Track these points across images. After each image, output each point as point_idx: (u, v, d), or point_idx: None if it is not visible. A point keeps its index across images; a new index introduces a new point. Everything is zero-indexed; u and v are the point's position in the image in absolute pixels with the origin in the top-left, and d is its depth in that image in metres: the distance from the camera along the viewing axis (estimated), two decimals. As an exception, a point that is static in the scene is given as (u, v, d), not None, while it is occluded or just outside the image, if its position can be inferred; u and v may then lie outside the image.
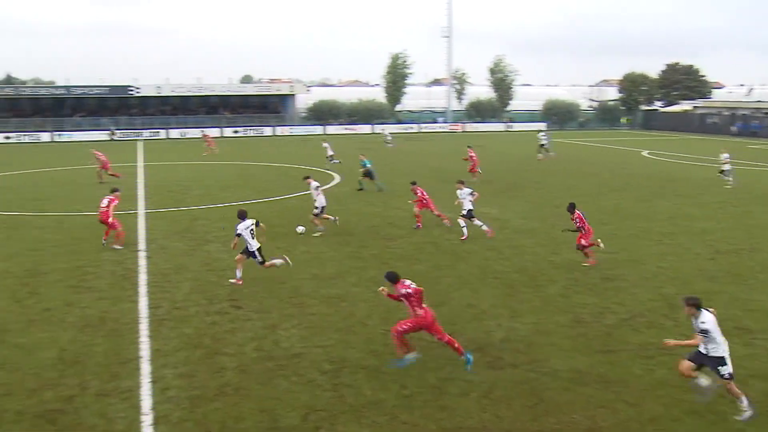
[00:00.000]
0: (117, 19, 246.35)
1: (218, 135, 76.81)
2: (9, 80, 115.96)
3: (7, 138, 72.40)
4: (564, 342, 12.72)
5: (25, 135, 73.78)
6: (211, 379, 11.13)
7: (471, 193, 21.45)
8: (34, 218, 25.62)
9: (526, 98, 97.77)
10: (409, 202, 23.78)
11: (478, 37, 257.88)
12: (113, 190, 21.50)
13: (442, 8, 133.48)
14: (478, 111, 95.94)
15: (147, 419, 9.81)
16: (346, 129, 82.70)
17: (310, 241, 21.11)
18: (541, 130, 56.72)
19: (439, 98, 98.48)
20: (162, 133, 77.10)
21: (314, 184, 22.73)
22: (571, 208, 18.31)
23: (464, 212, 21.41)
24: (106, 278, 17.21)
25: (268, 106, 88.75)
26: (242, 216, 16.76)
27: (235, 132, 78.74)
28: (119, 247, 20.16)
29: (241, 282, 16.48)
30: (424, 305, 11.34)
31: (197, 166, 44.38)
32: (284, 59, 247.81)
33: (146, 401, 10.36)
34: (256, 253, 16.60)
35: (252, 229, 16.57)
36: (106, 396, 10.55)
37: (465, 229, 21.19)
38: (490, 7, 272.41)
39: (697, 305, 9.77)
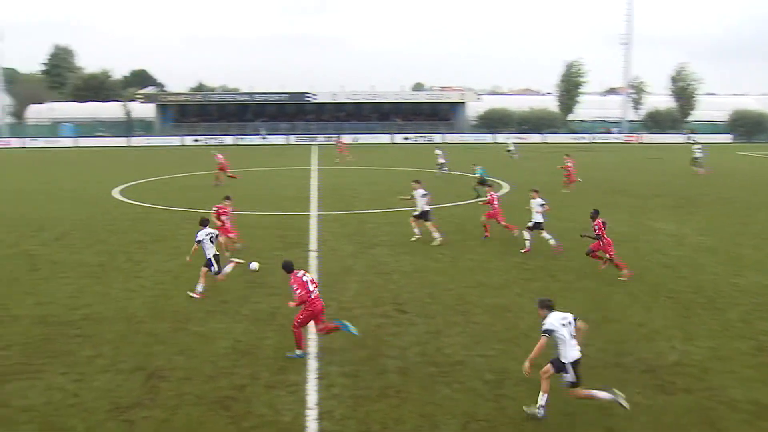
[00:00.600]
0: (299, 30, 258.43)
1: (389, 141, 78.52)
2: (200, 88, 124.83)
3: (196, 141, 78.08)
4: (745, 371, 11.78)
5: (211, 138, 79.03)
6: (373, 379, 11.31)
7: (542, 205, 20.55)
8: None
9: (709, 108, 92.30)
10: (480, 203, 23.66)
11: (658, 44, 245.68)
12: (225, 198, 21.33)
13: (620, 14, 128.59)
14: (657, 122, 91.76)
15: (312, 414, 10.12)
16: (516, 138, 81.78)
17: (476, 249, 21.01)
18: (696, 143, 53.03)
19: (614, 108, 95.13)
20: (335, 139, 79.84)
21: (420, 191, 22.21)
22: (595, 214, 18.06)
23: (530, 224, 20.63)
24: (279, 276, 17.86)
25: (438, 114, 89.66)
26: (204, 223, 16.73)
27: (405, 139, 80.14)
28: (229, 254, 19.33)
29: (202, 296, 15.85)
30: (312, 296, 12.21)
31: (368, 171, 45.47)
32: (455, 67, 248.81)
33: (312, 396, 10.70)
34: (212, 260, 16.19)
35: (212, 237, 16.44)
36: (275, 388, 11.00)
37: (528, 243, 20.49)
38: (672, 11, 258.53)
39: (548, 307, 10.10)
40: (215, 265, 16.24)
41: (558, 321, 9.89)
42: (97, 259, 19.85)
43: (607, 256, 17.83)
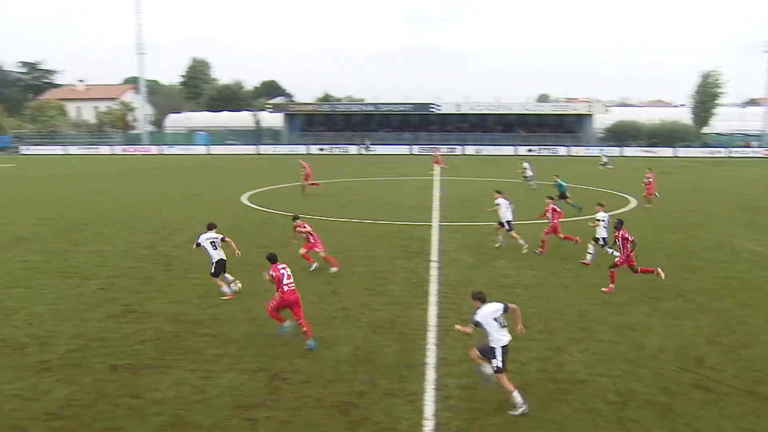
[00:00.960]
0: (424, 41, 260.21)
1: (512, 153, 77.67)
2: (327, 98, 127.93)
3: (321, 150, 79.99)
4: None
5: (336, 147, 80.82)
6: (492, 393, 11.13)
7: (603, 219, 20.34)
8: (339, 223, 27.81)
9: None
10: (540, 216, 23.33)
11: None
12: (295, 218, 20.32)
13: (762, 19, 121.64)
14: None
15: (429, 424, 10.08)
16: (645, 151, 78.90)
17: (600, 265, 20.34)
18: None
19: (755, 120, 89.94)
20: (458, 149, 79.72)
21: (501, 200, 22.87)
22: (619, 224, 17.85)
23: (597, 237, 20.45)
24: (399, 284, 18.09)
25: (563, 126, 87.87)
26: (211, 227, 17.43)
27: (529, 150, 79.02)
28: (314, 267, 19.43)
29: (233, 296, 16.80)
30: (292, 287, 13.55)
31: (491, 182, 45.07)
32: (582, 77, 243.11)
33: (429, 407, 10.66)
34: (214, 264, 16.90)
35: (214, 241, 17.00)
36: (393, 396, 11.04)
37: (590, 256, 20.37)
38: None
39: (481, 299, 11.08)
40: (213, 268, 17.00)
41: (489, 314, 10.79)
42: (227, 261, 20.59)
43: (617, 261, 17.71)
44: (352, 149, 79.62)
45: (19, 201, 36.23)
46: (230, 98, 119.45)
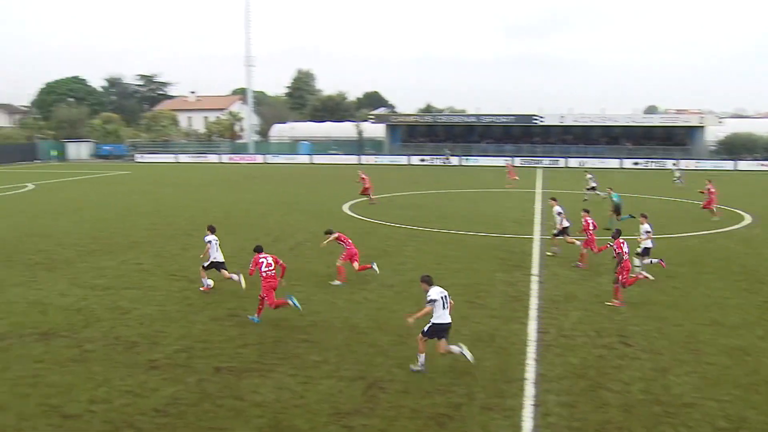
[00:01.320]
0: (526, 51, 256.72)
1: (617, 166, 75.62)
2: (428, 109, 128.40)
3: (422, 160, 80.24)
4: None
5: (437, 158, 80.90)
6: (593, 412, 10.83)
7: (647, 231, 20.35)
8: (440, 234, 27.77)
9: None
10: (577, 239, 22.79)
11: None
12: (327, 232, 20.42)
13: None
14: None
15: (527, 441, 9.91)
16: (761, 165, 75.11)
17: (712, 283, 19.51)
18: None
19: None
20: (561, 162, 78.28)
21: (557, 208, 23.54)
22: (616, 234, 18.12)
23: (640, 250, 20.35)
24: (499, 297, 17.88)
25: (673, 138, 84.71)
26: (212, 230, 19.04)
27: (635, 164, 76.72)
28: (338, 283, 19.36)
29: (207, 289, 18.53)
30: (272, 273, 15.62)
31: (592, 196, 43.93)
32: (693, 87, 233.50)
33: (527, 423, 10.47)
34: (210, 261, 18.60)
35: (217, 243, 18.74)
36: (490, 410, 10.90)
37: (637, 268, 19.71)
38: None
39: (428, 282, 12.76)
40: (208, 264, 18.65)
41: (438, 293, 12.55)
42: (326, 269, 20.91)
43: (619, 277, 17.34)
44: (454, 160, 79.53)
45: (134, 207, 37.97)
46: (333, 109, 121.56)
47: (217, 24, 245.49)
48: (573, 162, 77.73)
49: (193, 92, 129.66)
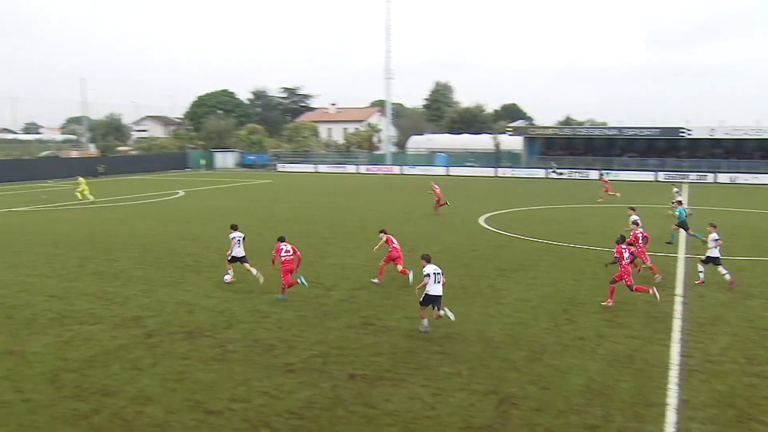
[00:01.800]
0: (671, 61, 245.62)
1: (772, 183, 70.98)
2: (567, 121, 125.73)
3: (560, 174, 78.51)
4: None
5: (575, 172, 78.91)
6: (742, 444, 10.18)
7: (716, 240, 20.68)
8: (578, 250, 27.03)
9: None
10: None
11: None
12: (382, 231, 22.18)
13: None
14: None
15: (668, 470, 9.43)
16: None
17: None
18: None
19: None
20: (710, 177, 74.31)
21: (634, 217, 24.35)
22: (621, 239, 18.68)
23: (704, 257, 21.05)
24: (640, 317, 17.17)
25: (837, 153, 78.37)
26: (235, 228, 21.60)
27: (795, 180, 71.53)
28: (376, 281, 20.97)
29: (233, 281, 20.88)
30: (290, 258, 18.88)
31: (749, 213, 41.42)
32: None
33: (669, 451, 9.98)
34: (233, 256, 20.87)
35: (240, 239, 21.05)
36: (629, 435, 10.47)
37: (702, 274, 20.97)
38: None
39: (427, 260, 15.98)
40: (231, 257, 20.93)
41: (432, 270, 15.62)
42: (460, 282, 20.85)
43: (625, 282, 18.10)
44: (593, 174, 77.23)
45: (275, 214, 39.42)
46: (471, 121, 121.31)
47: (358, 38, 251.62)
48: (722, 177, 73.51)
49: (333, 104, 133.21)
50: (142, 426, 10.83)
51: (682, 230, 28.37)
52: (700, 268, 21.05)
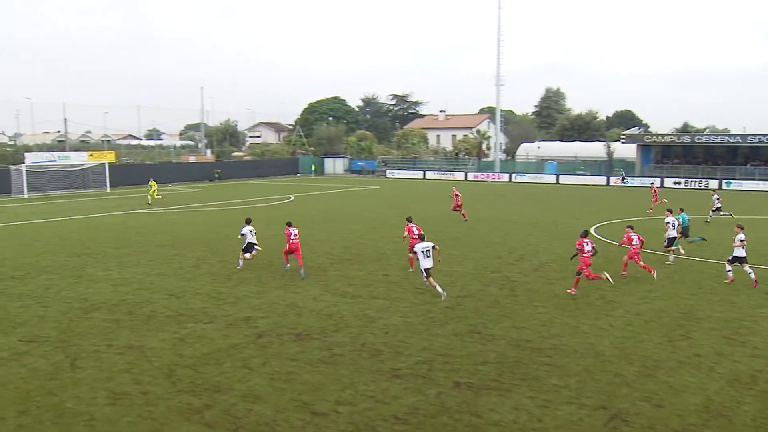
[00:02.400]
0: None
1: None
2: (685, 128, 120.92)
3: (676, 183, 75.57)
4: None
5: (693, 181, 75.79)
6: None
7: (741, 240, 21.30)
8: (695, 263, 25.90)
9: None
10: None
11: None
12: (408, 219, 24.72)
13: None
14: None
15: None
16: None
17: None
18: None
19: None
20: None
21: (671, 219, 25.50)
22: (584, 234, 20.62)
23: (731, 257, 21.75)
24: (763, 336, 16.25)
25: None
26: (248, 222, 24.39)
27: None
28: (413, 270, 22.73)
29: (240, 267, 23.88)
30: (296, 240, 22.99)
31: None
32: None
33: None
34: (246, 244, 23.79)
35: (252, 231, 23.94)
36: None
37: (730, 273, 21.89)
38: None
39: (422, 238, 20.68)
40: (243, 251, 23.95)
41: (420, 248, 19.29)
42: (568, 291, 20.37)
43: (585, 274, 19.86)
44: (713, 184, 73.85)
45: (383, 219, 39.75)
46: (582, 128, 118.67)
47: (467, 43, 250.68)
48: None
49: (442, 111, 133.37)
50: (250, 424, 11.12)
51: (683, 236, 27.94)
52: (728, 267, 22.00)
